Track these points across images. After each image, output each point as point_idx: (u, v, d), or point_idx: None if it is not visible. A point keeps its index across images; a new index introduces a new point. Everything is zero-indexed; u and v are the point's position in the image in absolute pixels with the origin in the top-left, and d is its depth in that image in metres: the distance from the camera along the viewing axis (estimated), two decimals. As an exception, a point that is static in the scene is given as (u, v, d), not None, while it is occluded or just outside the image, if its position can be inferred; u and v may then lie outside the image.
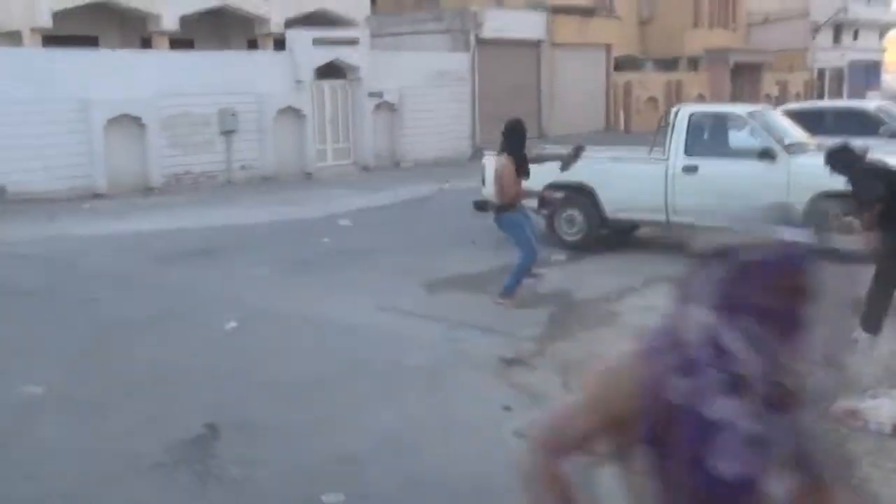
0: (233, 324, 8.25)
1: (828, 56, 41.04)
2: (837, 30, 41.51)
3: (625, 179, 11.43)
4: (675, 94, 33.51)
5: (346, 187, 19.38)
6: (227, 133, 20.10)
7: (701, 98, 34.73)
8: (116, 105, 18.13)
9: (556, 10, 28.59)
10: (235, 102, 20.12)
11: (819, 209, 10.21)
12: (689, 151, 11.04)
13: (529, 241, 9.02)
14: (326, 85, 22.42)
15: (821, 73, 40.61)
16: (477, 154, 25.47)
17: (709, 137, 11.37)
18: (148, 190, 18.50)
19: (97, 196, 17.60)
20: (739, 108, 12.03)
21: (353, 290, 9.64)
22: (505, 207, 8.96)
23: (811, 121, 13.67)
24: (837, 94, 41.08)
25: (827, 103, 18.94)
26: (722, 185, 10.69)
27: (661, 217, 11.29)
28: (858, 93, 41.23)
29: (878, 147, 12.90)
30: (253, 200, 17.50)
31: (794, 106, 17.24)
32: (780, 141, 10.78)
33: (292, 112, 21.29)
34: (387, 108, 23.48)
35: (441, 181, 19.89)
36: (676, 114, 11.28)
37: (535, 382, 6.62)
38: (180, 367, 7.03)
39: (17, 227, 14.03)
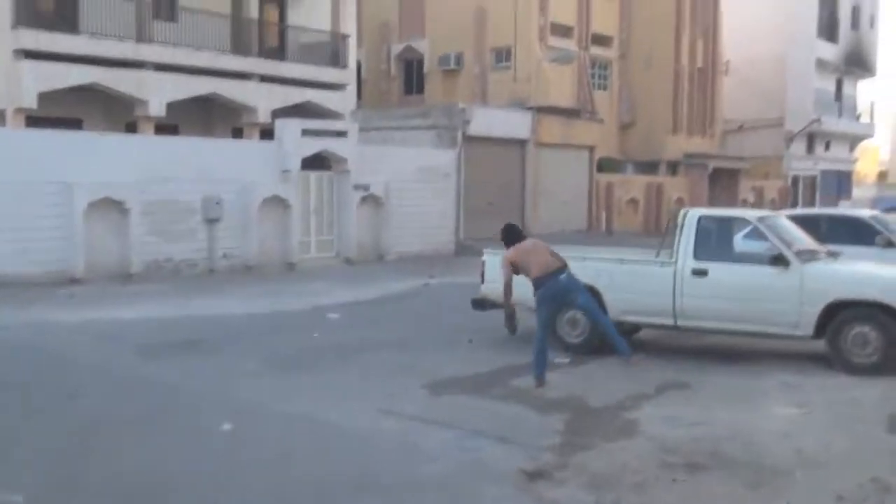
0: (227, 426, 7.66)
1: (801, 164, 41.76)
2: (811, 140, 42.35)
3: (632, 281, 11.11)
4: (656, 197, 33.74)
5: (330, 280, 18.93)
6: (211, 221, 19.68)
7: (680, 202, 35.01)
8: (99, 188, 17.70)
9: (542, 111, 28.84)
10: (220, 190, 19.77)
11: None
12: (698, 255, 10.77)
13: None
14: (313, 176, 22.19)
15: (795, 180, 41.22)
16: (461, 250, 25.30)
17: (718, 241, 11.14)
18: (127, 276, 17.91)
19: (74, 281, 16.98)
20: (749, 213, 11.86)
21: (351, 391, 9.11)
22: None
23: (807, 228, 13.55)
24: (811, 202, 41.70)
25: (822, 211, 18.96)
26: (733, 290, 10.48)
27: (669, 321, 10.96)
28: (830, 201, 41.93)
29: (872, 256, 12.87)
30: (237, 291, 16.99)
31: (789, 212, 17.19)
32: (791, 247, 10.55)
33: (278, 202, 20.97)
34: (372, 201, 23.25)
35: (426, 276, 19.54)
36: (685, 216, 11.04)
37: (564, 499, 6.11)
38: (172, 475, 6.43)
39: (-10, 312, 13.38)
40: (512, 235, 9.95)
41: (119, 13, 22.20)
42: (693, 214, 11.07)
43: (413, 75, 35.20)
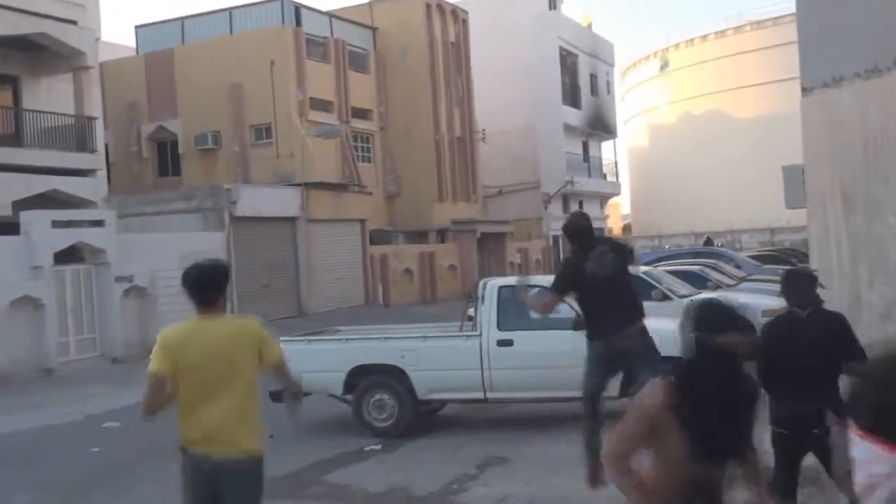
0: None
1: (560, 224, 43.72)
2: (566, 200, 44.63)
3: (438, 357, 10.73)
4: (429, 266, 34.01)
5: (97, 382, 17.21)
6: (-50, 329, 17.44)
7: (452, 268, 35.54)
8: None
9: (309, 186, 28.36)
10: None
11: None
12: (501, 325, 10.59)
13: None
14: (68, 270, 20.33)
15: (556, 239, 43.14)
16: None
17: (520, 310, 11.00)
18: None
19: None
20: (546, 281, 11.87)
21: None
22: None
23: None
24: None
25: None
26: (538, 358, 10.37)
27: (479, 394, 10.65)
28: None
29: (652, 310, 13.30)
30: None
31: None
32: (588, 310, 10.59)
33: (28, 301, 18.97)
34: (137, 292, 21.65)
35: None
36: (485, 288, 10.86)
37: None
38: None
39: None
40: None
41: None
42: (493, 285, 10.93)
43: (167, 156, 33.64)
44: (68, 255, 20.33)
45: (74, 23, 24.82)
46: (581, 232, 7.79)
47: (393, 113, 35.98)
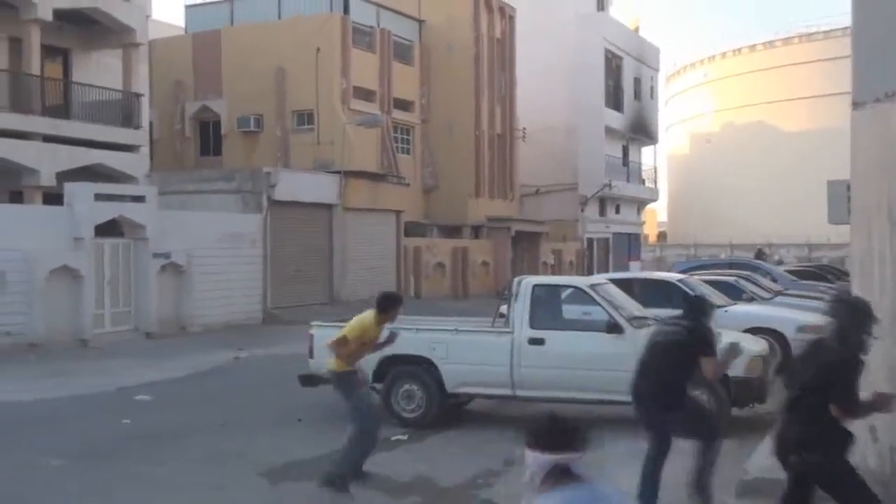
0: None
1: (595, 227, 43.70)
2: (602, 203, 44.47)
3: (468, 352, 10.75)
4: (463, 261, 34.03)
5: (131, 356, 17.41)
6: (-10, 294, 17.73)
7: (485, 265, 35.53)
8: None
9: (348, 175, 28.47)
10: (2, 260, 17.90)
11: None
12: (534, 323, 10.60)
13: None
14: (107, 243, 20.59)
15: (590, 242, 43.01)
16: (269, 318, 24.25)
17: (553, 309, 11.05)
18: None
19: None
20: (581, 281, 11.88)
21: (177, 485, 8.12)
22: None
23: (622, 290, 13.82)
24: (605, 263, 43.63)
25: (634, 275, 19.56)
26: (570, 359, 10.36)
27: (507, 391, 10.67)
28: (621, 263, 44.07)
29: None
30: (22, 373, 15.23)
31: (606, 275, 17.59)
32: (623, 314, 10.59)
33: (68, 272, 19.24)
34: (173, 269, 21.87)
35: (235, 349, 18.46)
36: (519, 285, 10.87)
37: None
38: None
39: None
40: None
41: None
42: (527, 283, 10.93)
43: (210, 136, 33.93)
44: (109, 229, 20.60)
45: (127, -1, 25.14)
46: None
47: (435, 106, 36.03)
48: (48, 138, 23.54)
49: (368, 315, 8.16)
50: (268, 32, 31.92)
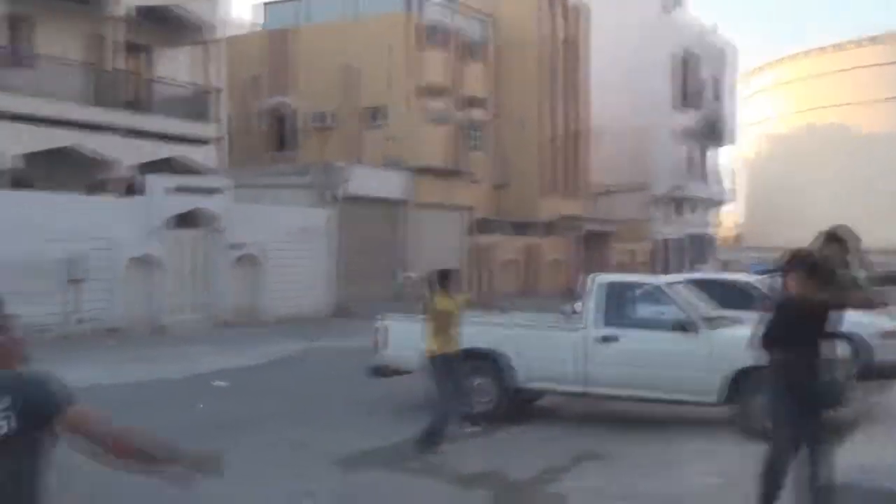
0: (118, 517, 6.73)
1: (668, 228, 43.21)
2: (675, 204, 43.91)
3: (540, 347, 10.74)
4: (533, 258, 33.96)
5: (206, 343, 17.82)
6: (74, 282, 18.27)
7: (556, 263, 35.38)
8: (-53, 246, 16.15)
9: (418, 171, 28.64)
10: (84, 249, 18.45)
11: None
12: (606, 321, 10.52)
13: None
14: (185, 234, 21.08)
15: (663, 243, 42.52)
16: (338, 311, 24.53)
17: (626, 307, 10.94)
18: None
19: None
20: (656, 280, 11.75)
21: (254, 471, 8.27)
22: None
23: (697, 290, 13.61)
24: (677, 264, 43.04)
25: (707, 275, 19.27)
26: (641, 357, 10.27)
27: (577, 388, 10.62)
28: (695, 264, 43.43)
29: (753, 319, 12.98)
30: (102, 357, 15.68)
31: (680, 275, 17.37)
32: (697, 313, 10.45)
33: (147, 261, 19.77)
34: (247, 261, 22.30)
35: (306, 339, 18.73)
36: (593, 282, 10.82)
37: None
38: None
39: None
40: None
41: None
42: (601, 280, 10.87)
43: (284, 132, 34.47)
44: (186, 220, 21.08)
45: (206, -4, 25.67)
46: None
47: (506, 104, 36.00)
48: (128, 132, 24.18)
49: (435, 297, 9.20)
50: (342, 30, 32.29)
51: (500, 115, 36.03)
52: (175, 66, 26.83)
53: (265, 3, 36.96)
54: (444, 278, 9.39)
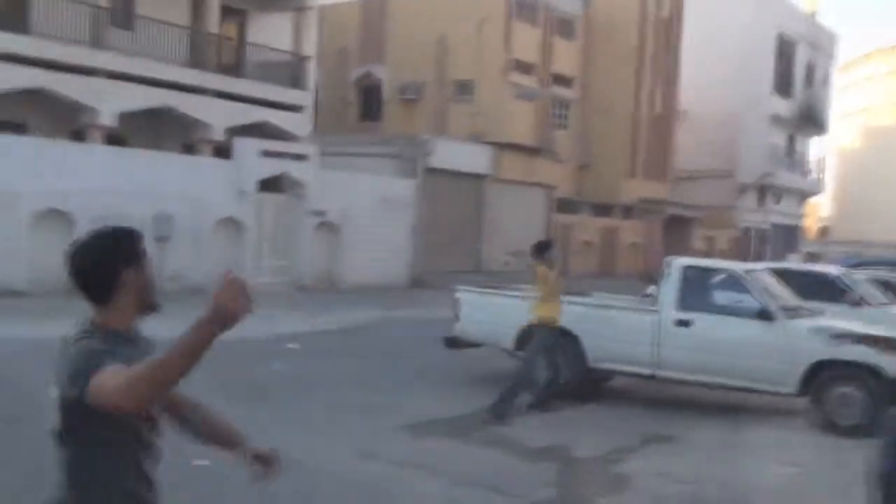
0: (204, 462, 7.00)
1: (753, 217, 42.32)
2: (762, 192, 42.94)
3: (612, 328, 10.71)
4: (612, 240, 33.69)
5: (285, 307, 18.19)
6: (160, 239, 18.84)
7: (634, 246, 35.03)
8: (45, 198, 16.82)
9: (502, 147, 28.62)
10: (172, 208, 19.00)
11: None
12: (681, 305, 10.43)
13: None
14: (269, 198, 21.52)
15: (746, 232, 41.67)
16: (416, 282, 24.79)
17: (703, 292, 10.79)
18: (71, 291, 16.87)
19: (15, 294, 16.02)
20: (736, 266, 11.57)
21: (324, 429, 8.52)
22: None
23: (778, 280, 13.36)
24: (761, 253, 42.18)
25: (791, 266, 18.83)
26: (716, 343, 10.16)
27: (648, 370, 10.58)
28: (780, 254, 42.47)
29: (840, 314, 12.68)
30: (187, 314, 16.06)
31: (762, 264, 17.06)
32: (777, 303, 10.29)
33: (232, 223, 20.27)
34: (328, 227, 22.66)
35: (383, 307, 19.01)
36: (670, 265, 10.73)
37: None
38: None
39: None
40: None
41: (73, 16, 21.29)
42: (678, 263, 10.77)
43: (371, 102, 34.77)
44: (270, 184, 21.50)
45: (303, -36, 25.98)
46: None
47: (594, 83, 35.62)
48: (221, 94, 24.69)
49: (538, 269, 9.66)
50: (434, 2, 32.32)
51: (588, 94, 35.69)
52: (268, 32, 27.25)
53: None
54: (545, 248, 9.91)
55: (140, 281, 2.56)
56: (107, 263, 2.52)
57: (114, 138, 22.41)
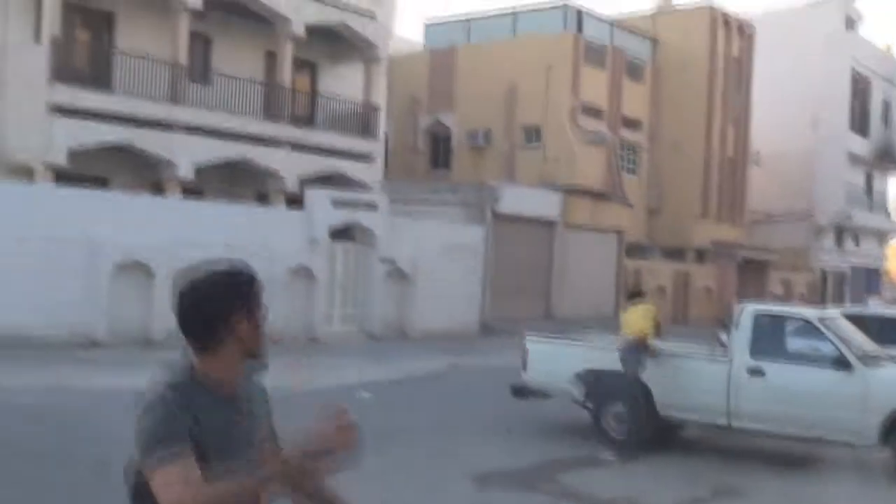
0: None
1: (830, 258, 41.31)
2: (840, 234, 41.92)
3: (683, 376, 10.57)
4: (684, 285, 33.21)
5: (355, 355, 18.40)
6: (235, 288, 19.22)
7: (708, 291, 34.46)
8: (126, 250, 17.35)
9: (571, 192, 28.59)
10: (247, 258, 19.28)
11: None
12: (754, 353, 10.23)
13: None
14: (340, 247, 21.83)
15: (824, 274, 40.68)
16: (486, 330, 24.75)
17: (775, 340, 10.61)
18: (148, 342, 17.39)
19: (94, 344, 16.51)
20: (809, 312, 11.31)
21: (393, 480, 8.52)
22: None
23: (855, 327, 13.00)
24: (840, 297, 41.07)
25: (872, 310, 18.33)
26: (792, 393, 9.93)
27: (722, 420, 10.37)
28: (860, 298, 41.24)
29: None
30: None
31: (839, 309, 16.63)
32: (853, 350, 10.01)
33: (304, 272, 20.58)
34: (398, 275, 22.84)
35: (453, 356, 19.01)
36: (741, 312, 10.55)
37: None
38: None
39: (10, 373, 12.88)
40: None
41: (153, 74, 22.12)
42: (750, 310, 10.58)
43: (440, 150, 35.12)
44: (341, 233, 21.81)
45: (373, 16, 26.50)
46: None
47: (664, 126, 35.43)
48: (294, 145, 25.26)
49: (645, 308, 11.22)
50: (502, 50, 32.65)
51: (656, 137, 35.50)
52: (339, 83, 27.84)
53: (427, 24, 37.83)
54: (637, 296, 11.96)
55: (251, 330, 2.35)
56: (218, 307, 2.31)
57: (190, 190, 23.08)
